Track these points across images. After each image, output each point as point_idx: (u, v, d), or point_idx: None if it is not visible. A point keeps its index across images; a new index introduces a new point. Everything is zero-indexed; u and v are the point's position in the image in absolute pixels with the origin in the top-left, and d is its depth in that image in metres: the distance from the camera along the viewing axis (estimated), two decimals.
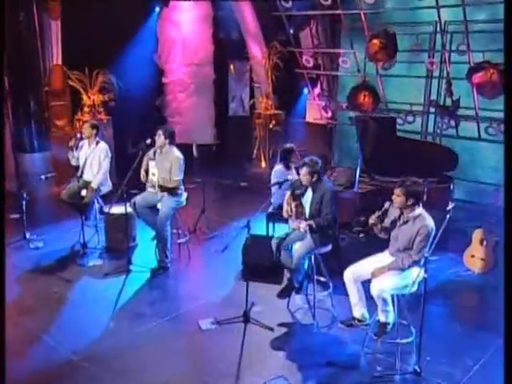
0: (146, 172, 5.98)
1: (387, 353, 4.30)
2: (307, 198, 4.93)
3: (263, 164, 10.88)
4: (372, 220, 4.34)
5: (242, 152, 11.15)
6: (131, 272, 5.75)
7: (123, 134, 10.02)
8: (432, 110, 8.48)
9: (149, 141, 5.90)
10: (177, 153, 5.86)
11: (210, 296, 5.38)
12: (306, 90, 10.13)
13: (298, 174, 6.29)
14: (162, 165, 5.80)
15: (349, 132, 9.79)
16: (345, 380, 4.04)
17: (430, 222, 4.10)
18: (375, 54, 7.69)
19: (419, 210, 4.17)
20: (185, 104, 11.35)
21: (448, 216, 3.88)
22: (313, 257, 4.94)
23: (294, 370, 4.16)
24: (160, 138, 5.80)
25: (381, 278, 4.11)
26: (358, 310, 4.37)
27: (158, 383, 4.02)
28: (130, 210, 6.15)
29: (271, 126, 10.61)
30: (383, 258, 4.36)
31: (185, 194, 6.10)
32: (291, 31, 9.10)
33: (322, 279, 5.11)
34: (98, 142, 6.48)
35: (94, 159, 6.43)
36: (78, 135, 6.55)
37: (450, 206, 3.92)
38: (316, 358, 4.31)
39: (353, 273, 4.30)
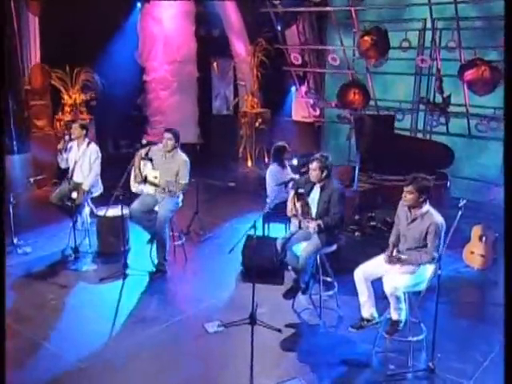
0: (140, 171, 5.94)
1: (398, 351, 4.41)
2: (314, 197, 4.99)
3: (249, 163, 10.91)
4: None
5: (227, 151, 11.15)
6: (129, 276, 5.72)
7: (106, 134, 9.96)
8: (422, 107, 8.66)
9: (144, 141, 5.90)
10: (184, 156, 5.90)
11: (211, 298, 5.40)
12: (293, 88, 10.20)
13: (301, 172, 6.38)
14: (168, 168, 5.79)
15: (337, 130, 9.95)
16: (359, 379, 4.13)
17: (439, 218, 4.20)
18: (366, 51, 7.81)
19: (426, 206, 4.27)
20: (167, 102, 11.33)
21: (460, 212, 3.99)
22: (318, 257, 5.01)
23: (307, 371, 4.22)
24: (171, 142, 5.80)
25: (394, 275, 4.19)
26: (367, 310, 4.45)
27: None
28: (123, 212, 6.16)
29: (257, 124, 10.64)
30: None
31: (181, 196, 6.13)
32: (279, 28, 9.16)
33: (329, 279, 5.18)
34: (88, 143, 6.44)
35: (84, 161, 6.37)
36: (67, 137, 6.49)
37: (462, 202, 4.02)
38: (327, 358, 4.38)
39: (363, 272, 4.38)
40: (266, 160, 11.01)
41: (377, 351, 4.42)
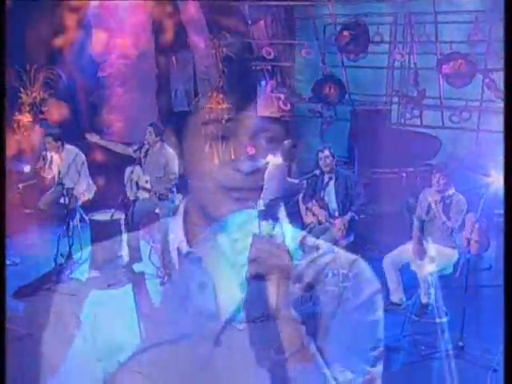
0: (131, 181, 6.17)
1: (423, 333, 4.98)
2: (330, 189, 5.45)
3: (216, 162, 11.16)
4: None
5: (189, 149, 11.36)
6: (138, 280, 5.90)
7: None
8: (394, 100, 9.34)
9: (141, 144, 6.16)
10: (170, 149, 6.12)
11: (223, 296, 5.72)
12: (263, 83, 10.58)
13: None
14: (156, 163, 6.04)
15: (307, 125, 10.45)
16: (396, 361, 4.64)
17: (464, 199, 4.82)
18: (346, 45, 8.36)
19: (452, 189, 4.87)
20: (124, 99, 11.39)
21: (482, 200, 4.61)
22: None
23: (343, 358, 4.67)
24: (151, 136, 6.03)
25: (425, 262, 4.75)
26: (397, 295, 4.99)
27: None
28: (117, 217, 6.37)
29: (224, 121, 10.92)
30: None
31: (179, 196, 6.40)
32: (249, 21, 9.53)
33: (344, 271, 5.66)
34: (69, 150, 6.58)
35: (70, 169, 6.48)
36: (43, 152, 6.59)
37: (483, 190, 4.64)
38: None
39: (392, 259, 4.92)
40: (233, 157, 11.36)
41: (404, 335, 4.96)
